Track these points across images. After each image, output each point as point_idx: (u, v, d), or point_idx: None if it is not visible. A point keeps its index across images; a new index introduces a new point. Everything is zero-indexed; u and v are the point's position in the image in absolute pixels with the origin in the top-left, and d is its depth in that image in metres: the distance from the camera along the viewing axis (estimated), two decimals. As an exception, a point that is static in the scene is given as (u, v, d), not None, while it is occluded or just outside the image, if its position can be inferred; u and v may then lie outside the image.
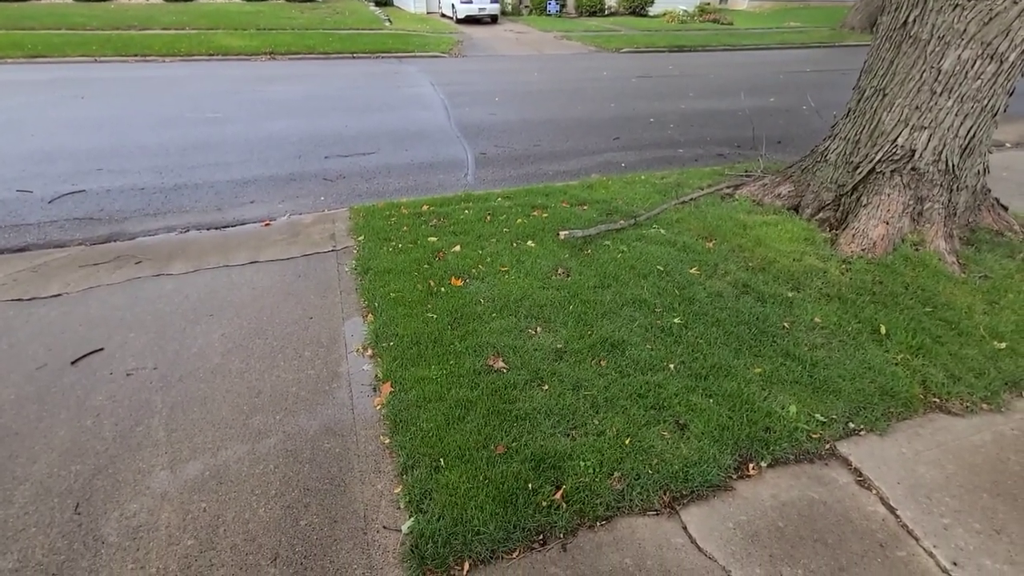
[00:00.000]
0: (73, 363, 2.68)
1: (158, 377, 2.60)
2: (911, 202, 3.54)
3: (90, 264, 3.79)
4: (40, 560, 1.74)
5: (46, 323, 3.02)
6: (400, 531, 1.84)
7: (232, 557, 1.75)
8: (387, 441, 2.22)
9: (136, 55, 12.24)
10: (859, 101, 3.84)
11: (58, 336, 2.90)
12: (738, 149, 6.89)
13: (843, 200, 3.88)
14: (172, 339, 2.89)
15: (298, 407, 2.41)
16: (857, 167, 3.78)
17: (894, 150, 3.57)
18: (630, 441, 2.15)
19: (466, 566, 1.73)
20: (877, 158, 3.63)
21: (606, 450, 2.10)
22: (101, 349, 2.80)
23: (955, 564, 1.76)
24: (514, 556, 1.76)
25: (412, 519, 1.86)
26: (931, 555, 1.79)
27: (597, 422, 2.26)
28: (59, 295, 3.33)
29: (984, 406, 2.42)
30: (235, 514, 1.90)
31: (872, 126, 3.70)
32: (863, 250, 3.50)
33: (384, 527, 1.86)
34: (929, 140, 3.46)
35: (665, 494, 1.97)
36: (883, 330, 2.81)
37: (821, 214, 4.03)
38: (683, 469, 2.04)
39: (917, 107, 3.46)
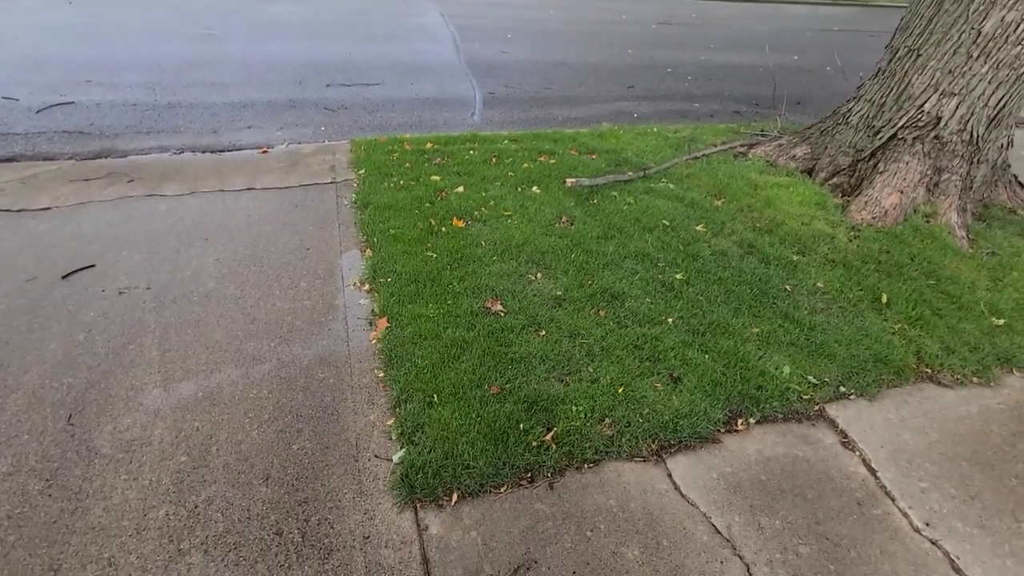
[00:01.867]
0: (64, 277, 2.64)
1: (151, 297, 2.56)
2: (929, 172, 3.45)
3: (81, 179, 3.68)
4: (33, 466, 1.76)
5: (36, 236, 2.95)
6: (391, 461, 1.86)
7: (224, 475, 1.78)
8: (381, 375, 2.22)
9: (128, -39, 11.46)
10: (890, 61, 3.66)
11: (48, 250, 2.84)
12: (756, 107, 6.65)
13: (859, 166, 3.78)
14: (166, 260, 2.84)
15: (293, 336, 2.40)
16: (879, 132, 3.65)
17: (919, 116, 3.43)
18: (623, 390, 2.16)
19: (455, 497, 1.76)
20: (901, 123, 3.50)
21: (598, 397, 2.12)
22: (93, 266, 2.75)
23: (927, 524, 1.82)
24: (502, 491, 1.80)
25: (403, 450, 1.88)
26: (905, 515, 1.85)
27: (592, 370, 2.27)
28: (49, 208, 3.25)
29: (975, 379, 2.44)
30: (228, 435, 1.92)
31: (900, 89, 3.54)
32: (874, 218, 3.43)
33: (375, 456, 1.89)
34: (957, 108, 3.33)
35: (653, 442, 2.00)
36: (884, 299, 2.80)
37: (835, 179, 3.93)
38: (673, 420, 2.06)
39: (950, 71, 3.30)
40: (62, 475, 1.73)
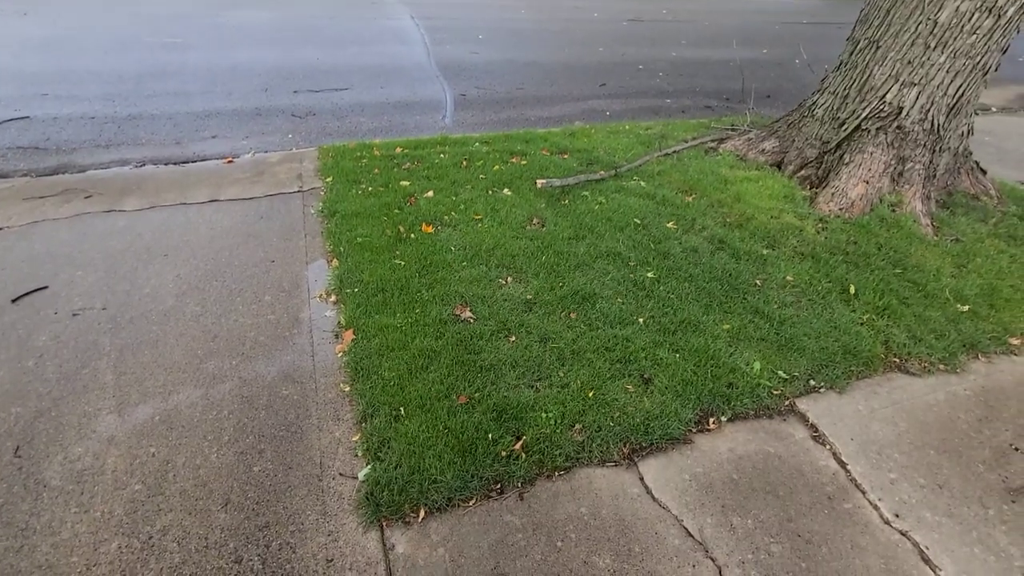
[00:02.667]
0: (14, 301, 2.53)
1: (107, 318, 2.47)
2: (893, 162, 3.49)
3: (35, 197, 3.55)
4: (-23, 503, 1.67)
5: (-15, 258, 2.84)
6: (356, 478, 1.81)
7: (181, 502, 1.71)
8: (347, 389, 2.17)
9: (87, -31, 11.17)
10: (851, 53, 3.70)
11: (-2, 272, 2.73)
12: (727, 102, 6.70)
13: (826, 158, 3.81)
14: (123, 279, 2.74)
15: (256, 352, 2.33)
16: (843, 124, 3.69)
17: (882, 107, 3.47)
18: (594, 394, 2.13)
19: (422, 513, 1.72)
20: (864, 115, 3.54)
21: (569, 402, 2.09)
22: (46, 287, 2.65)
23: (897, 516, 1.82)
24: (471, 504, 1.76)
25: (369, 467, 1.83)
26: (875, 507, 1.85)
27: (562, 374, 2.24)
28: (0, 228, 3.12)
29: (941, 367, 2.46)
30: (185, 459, 1.85)
31: (862, 80, 3.58)
32: (841, 209, 3.46)
33: (340, 474, 1.83)
34: (917, 98, 3.37)
35: (625, 446, 1.98)
36: (852, 290, 2.82)
37: (803, 171, 3.96)
38: (644, 422, 2.04)
39: (909, 62, 3.34)
40: (7, 511, 1.65)
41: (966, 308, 2.76)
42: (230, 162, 4.31)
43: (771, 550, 1.70)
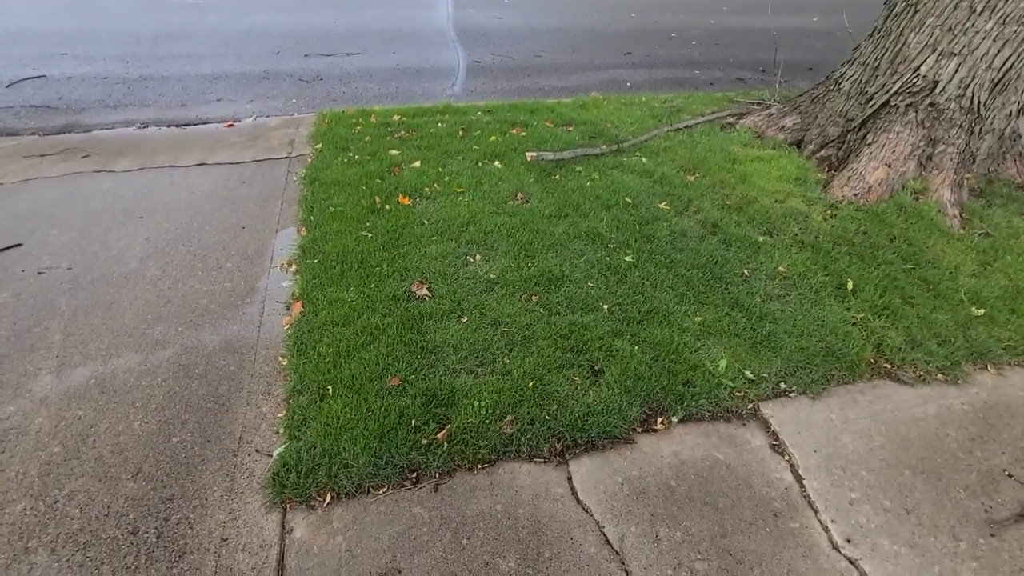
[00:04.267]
0: (-13, 257, 2.59)
1: (70, 278, 2.50)
2: (922, 144, 3.11)
3: (35, 155, 3.63)
4: (-96, 454, 1.72)
5: (-29, 214, 2.92)
6: (271, 456, 1.77)
7: (94, 468, 1.71)
8: (284, 363, 2.12)
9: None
10: (886, 19, 3.29)
11: (-20, 228, 2.80)
12: (762, 74, 6.21)
13: (848, 137, 3.45)
14: (94, 239, 2.77)
15: (204, 320, 2.31)
16: (871, 99, 3.31)
17: (914, 80, 3.08)
18: (534, 384, 2.00)
19: (328, 497, 1.66)
20: (894, 89, 3.16)
21: (506, 391, 1.97)
22: (20, 244, 2.70)
23: (848, 541, 1.64)
24: (381, 492, 1.69)
25: (284, 446, 1.78)
26: (826, 529, 1.67)
27: (507, 361, 2.11)
28: (-7, 185, 3.21)
29: (939, 376, 2.20)
30: (109, 425, 1.84)
31: (895, 49, 3.18)
32: (856, 195, 3.13)
33: (257, 451, 1.79)
34: (956, 70, 2.97)
35: (558, 442, 1.86)
36: (850, 285, 2.54)
37: (823, 151, 3.61)
38: (583, 417, 1.90)
39: (950, 28, 2.93)
40: (-71, 465, 1.69)
41: (982, 312, 2.45)
42: (230, 126, 4.29)
43: (695, 567, 1.55)
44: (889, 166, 3.12)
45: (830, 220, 3.00)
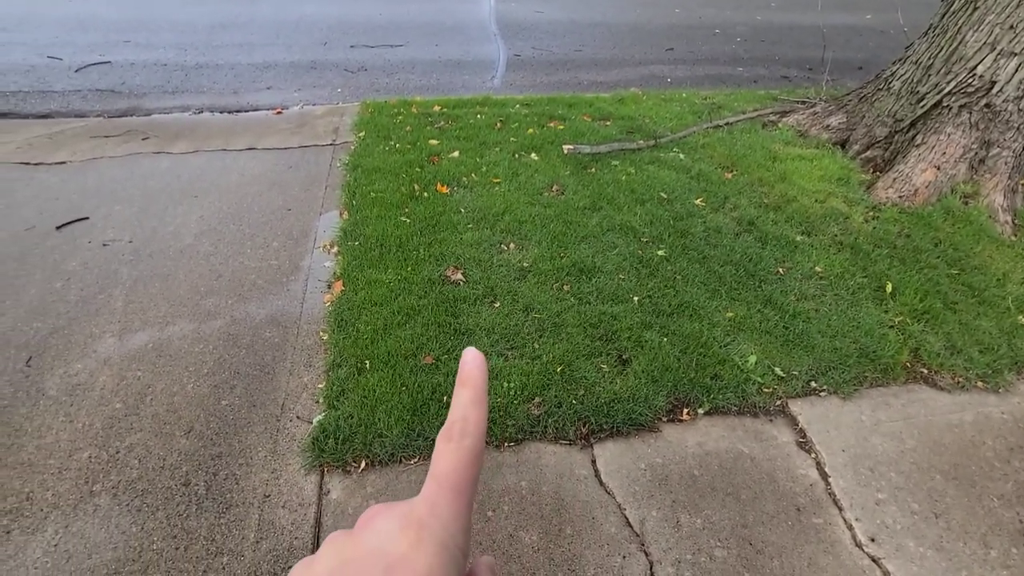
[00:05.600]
0: (58, 228, 2.80)
1: (131, 250, 2.68)
2: (974, 146, 3.01)
3: (100, 136, 3.87)
4: (-13, 401, 1.90)
5: (44, 187, 3.14)
6: (311, 423, 1.87)
7: (151, 424, 1.85)
8: (325, 338, 2.22)
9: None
10: (943, 16, 3.18)
11: (52, 201, 3.02)
12: (809, 72, 6.05)
13: (896, 138, 3.35)
14: (153, 216, 2.95)
15: (252, 294, 2.44)
16: (922, 99, 3.21)
17: (970, 80, 2.98)
18: (562, 369, 2.05)
19: (363, 464, 1.75)
20: (947, 89, 3.06)
21: (534, 374, 2.03)
22: (87, 218, 2.90)
23: (872, 540, 1.63)
24: (412, 463, 1.77)
25: (323, 414, 1.88)
26: (850, 527, 1.67)
27: (537, 346, 2.17)
28: (63, 163, 3.44)
29: (979, 384, 2.15)
30: (165, 386, 1.99)
31: (951, 48, 3.08)
32: (901, 197, 3.05)
33: (298, 417, 1.90)
34: (1017, 71, 2.85)
35: (583, 426, 1.90)
36: (889, 288, 2.49)
37: (869, 152, 3.52)
38: (609, 404, 1.94)
39: (1012, 26, 2.82)
40: (8, 412, 1.86)
41: (1030, 321, 2.38)
42: (279, 113, 4.47)
43: (714, 554, 1.58)
44: (938, 168, 3.02)
45: (872, 222, 2.94)
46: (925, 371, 2.19)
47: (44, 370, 2.02)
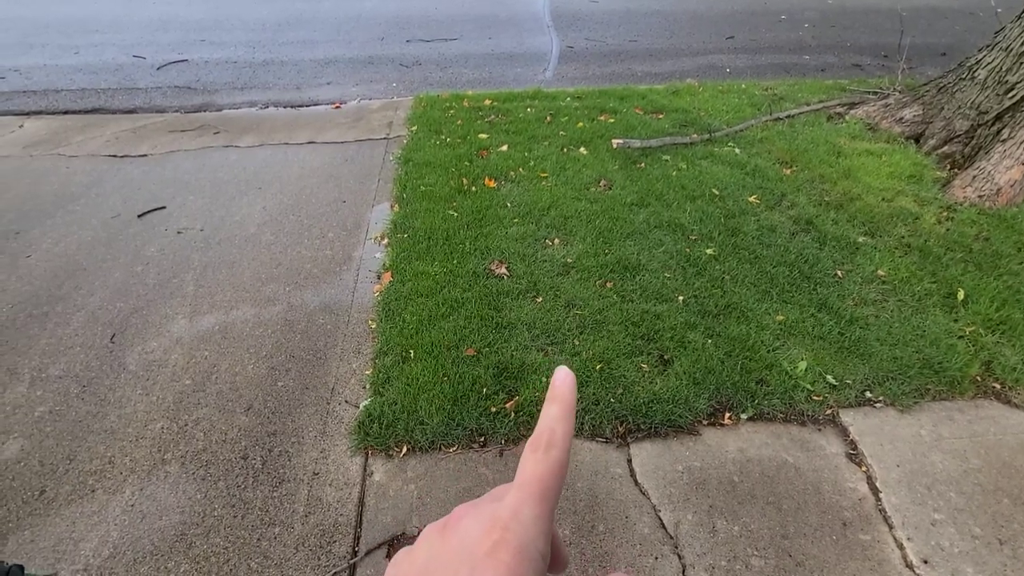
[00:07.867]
0: (140, 216, 3.05)
1: (202, 238, 2.88)
2: (1071, 142, 2.73)
3: (178, 130, 4.16)
4: (78, 373, 2.11)
5: (129, 178, 3.42)
6: (357, 407, 1.97)
7: (216, 400, 2.00)
8: (373, 327, 2.32)
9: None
10: (1040, -2, 2.89)
11: (135, 191, 3.28)
12: (884, 59, 5.66)
13: (979, 132, 3.09)
14: (221, 205, 3.15)
15: (307, 283, 2.58)
16: (1011, 89, 2.95)
17: (1069, 69, 2.70)
18: (601, 367, 2.05)
19: (404, 449, 1.83)
20: (1041, 79, 2.79)
21: (574, 371, 2.03)
22: (164, 207, 3.14)
23: (925, 562, 1.55)
24: (451, 451, 1.83)
25: (369, 399, 1.97)
26: (900, 546, 1.59)
27: (577, 342, 2.18)
28: (145, 155, 3.73)
29: (1061, 403, 1.98)
30: (228, 366, 2.14)
31: (1048, 34, 2.80)
32: (980, 197, 2.82)
33: (346, 401, 2.00)
34: (1126, 57, 2.57)
35: (621, 425, 1.90)
36: (961, 295, 2.33)
37: (947, 147, 3.27)
38: (648, 404, 1.93)
39: (1122, 9, 2.54)
40: (95, 383, 2.06)
41: None
42: (337, 107, 4.64)
43: (750, 563, 1.55)
44: (1026, 166, 2.77)
45: (945, 223, 2.74)
46: (998, 386, 2.03)
47: (125, 346, 2.22)
